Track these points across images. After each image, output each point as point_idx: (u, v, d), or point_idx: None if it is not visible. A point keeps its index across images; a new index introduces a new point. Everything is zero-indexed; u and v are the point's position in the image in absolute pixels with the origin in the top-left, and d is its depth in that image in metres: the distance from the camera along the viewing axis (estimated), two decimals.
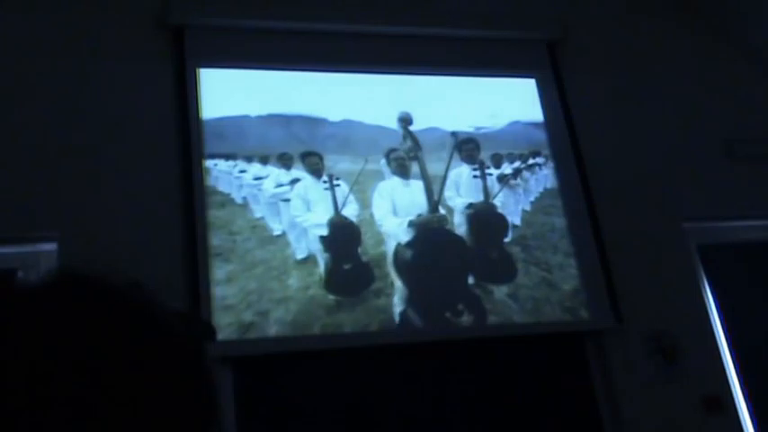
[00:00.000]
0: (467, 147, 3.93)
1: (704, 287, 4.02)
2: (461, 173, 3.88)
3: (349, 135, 3.80)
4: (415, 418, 3.39)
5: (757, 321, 4.00)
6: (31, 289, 0.60)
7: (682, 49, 4.53)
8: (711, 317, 3.94)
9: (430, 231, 3.69)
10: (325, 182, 3.65)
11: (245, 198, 3.52)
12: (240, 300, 3.27)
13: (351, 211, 3.62)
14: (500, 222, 3.82)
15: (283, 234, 3.48)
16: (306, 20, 3.86)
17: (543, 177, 3.99)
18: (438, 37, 4.09)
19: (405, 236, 3.62)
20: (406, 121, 3.89)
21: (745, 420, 3.74)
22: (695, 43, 4.58)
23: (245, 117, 3.69)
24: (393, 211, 3.67)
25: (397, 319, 3.45)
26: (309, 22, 3.87)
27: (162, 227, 3.31)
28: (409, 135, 3.87)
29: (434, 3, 4.17)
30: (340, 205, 3.61)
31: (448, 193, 3.80)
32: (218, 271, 3.29)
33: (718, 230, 4.17)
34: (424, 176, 3.80)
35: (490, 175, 3.91)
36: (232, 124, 3.64)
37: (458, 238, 3.72)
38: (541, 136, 4.09)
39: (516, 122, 4.10)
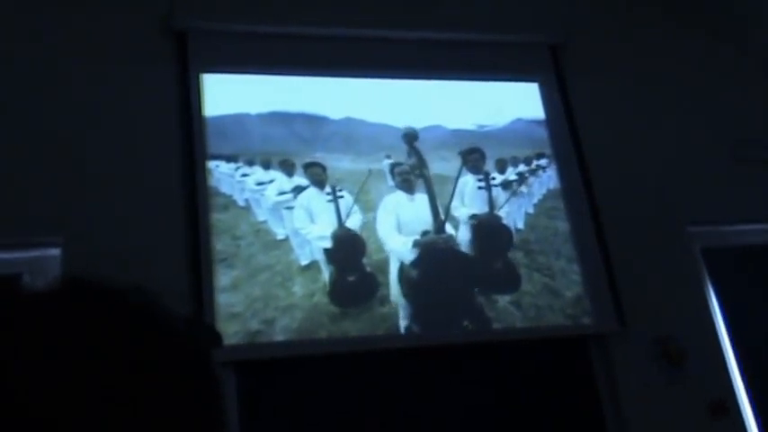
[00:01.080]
0: (472, 157, 3.90)
1: (709, 291, 4.00)
2: (466, 182, 3.85)
3: (351, 133, 3.78)
4: (420, 422, 3.38)
5: (762, 325, 3.99)
6: (33, 292, 0.60)
7: (685, 51, 4.53)
8: (716, 320, 3.93)
9: (436, 251, 3.65)
10: (328, 193, 3.61)
11: (247, 200, 3.50)
12: (246, 307, 3.26)
13: (355, 222, 3.59)
14: (505, 234, 3.78)
15: (287, 239, 3.46)
16: (309, 25, 3.85)
17: (547, 179, 3.98)
18: (441, 41, 4.08)
19: (409, 255, 3.59)
20: (410, 136, 3.85)
21: (749, 424, 3.73)
22: (699, 45, 4.57)
23: (246, 115, 3.67)
24: (397, 227, 3.64)
25: (401, 332, 3.44)
26: (313, 27, 3.86)
27: (165, 231, 3.31)
28: (414, 152, 3.83)
29: (437, 7, 4.17)
30: (344, 217, 3.58)
31: (453, 203, 3.77)
32: (223, 277, 3.27)
33: (723, 234, 4.16)
34: (430, 195, 3.75)
35: (495, 186, 3.88)
36: (233, 123, 3.62)
37: (463, 256, 3.68)
38: (544, 135, 4.08)
39: (519, 120, 4.08)
